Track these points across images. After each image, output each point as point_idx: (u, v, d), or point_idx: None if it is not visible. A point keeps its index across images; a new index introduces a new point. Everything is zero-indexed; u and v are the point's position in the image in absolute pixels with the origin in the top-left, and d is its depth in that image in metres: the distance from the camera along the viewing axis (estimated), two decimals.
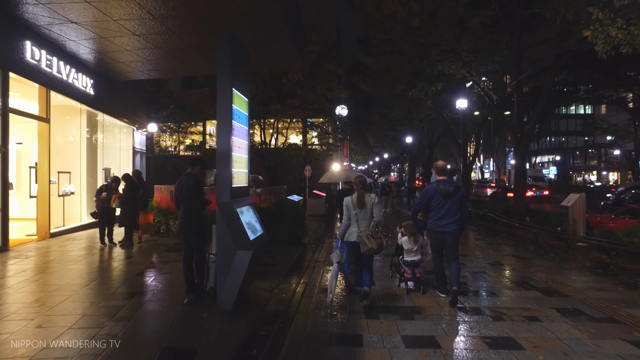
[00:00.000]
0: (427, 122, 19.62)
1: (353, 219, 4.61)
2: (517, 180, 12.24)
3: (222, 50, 4.13)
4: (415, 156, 31.87)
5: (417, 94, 14.81)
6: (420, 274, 5.15)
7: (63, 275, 5.43)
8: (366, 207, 4.58)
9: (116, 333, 3.43)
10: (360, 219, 4.58)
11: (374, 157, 55.69)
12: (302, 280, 5.81)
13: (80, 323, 3.65)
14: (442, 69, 13.69)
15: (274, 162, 21.67)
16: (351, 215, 4.62)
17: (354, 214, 4.60)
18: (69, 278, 5.26)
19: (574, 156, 57.73)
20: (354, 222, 4.62)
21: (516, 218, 11.78)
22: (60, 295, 4.46)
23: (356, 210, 4.58)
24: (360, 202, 4.58)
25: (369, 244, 4.42)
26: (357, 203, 4.59)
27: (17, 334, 3.37)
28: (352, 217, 4.62)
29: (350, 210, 4.62)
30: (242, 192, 4.54)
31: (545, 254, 7.90)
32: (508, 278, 5.81)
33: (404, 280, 5.15)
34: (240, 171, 4.49)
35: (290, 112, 19.84)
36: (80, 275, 5.42)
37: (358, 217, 4.58)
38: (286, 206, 9.03)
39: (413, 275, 5.09)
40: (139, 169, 14.51)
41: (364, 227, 4.57)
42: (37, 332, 3.40)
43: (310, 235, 10.37)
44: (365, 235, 4.46)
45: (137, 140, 14.59)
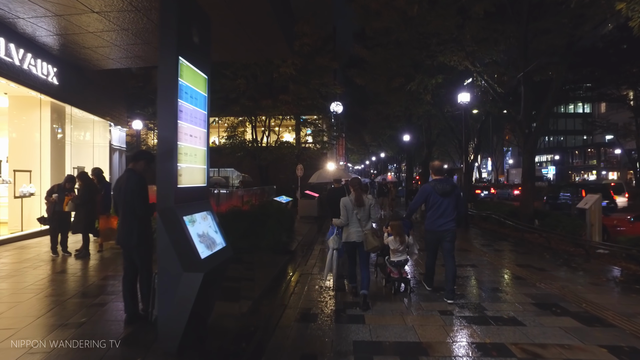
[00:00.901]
0: (425, 119, 18.65)
1: (353, 218, 4.60)
2: (525, 179, 11.27)
3: (164, 5, 3.10)
4: (413, 155, 30.94)
5: (415, 87, 13.84)
6: (406, 273, 5.11)
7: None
8: (365, 206, 4.61)
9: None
10: (362, 218, 4.60)
11: (370, 156, 54.79)
12: (281, 300, 4.80)
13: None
14: (442, 60, 12.72)
15: (265, 161, 20.66)
16: (350, 215, 4.61)
17: (354, 213, 4.60)
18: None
19: (573, 155, 57.00)
20: (354, 222, 4.61)
21: (524, 220, 10.83)
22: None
23: (356, 210, 4.59)
24: (359, 201, 4.59)
25: (374, 242, 4.51)
26: (356, 202, 4.59)
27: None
28: (351, 217, 4.61)
29: (349, 210, 4.61)
30: (196, 194, 3.51)
31: (564, 264, 6.93)
32: (531, 297, 4.81)
33: (390, 281, 5.11)
34: (194, 167, 3.46)
35: (282, 108, 18.82)
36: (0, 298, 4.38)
37: (359, 216, 4.59)
38: (271, 209, 8.01)
39: (400, 276, 5.01)
40: (117, 166, 13.48)
41: (366, 225, 4.62)
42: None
43: (299, 240, 9.35)
44: (371, 234, 4.53)
45: (116, 136, 13.51)
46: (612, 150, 45.94)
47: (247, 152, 20.51)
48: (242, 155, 20.47)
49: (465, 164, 13.14)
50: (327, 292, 5.11)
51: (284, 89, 19.69)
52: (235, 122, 21.04)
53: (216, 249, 3.41)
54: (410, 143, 26.86)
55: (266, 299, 4.82)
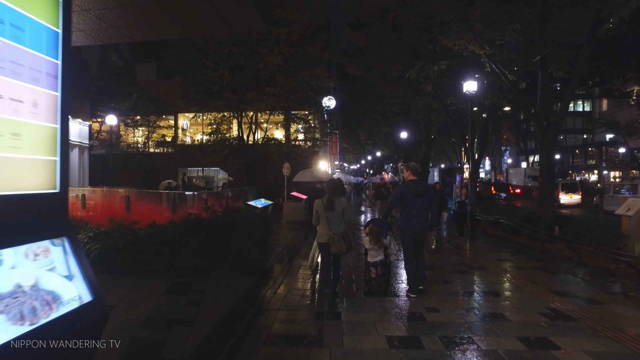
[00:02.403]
0: (425, 114, 17.07)
1: (324, 221, 4.76)
2: (543, 179, 9.72)
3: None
4: (410, 154, 29.41)
5: (415, 75, 12.26)
6: (382, 271, 5.05)
7: None
8: (335, 210, 4.75)
9: None
10: (331, 221, 4.74)
11: (366, 155, 53.28)
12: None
13: None
14: (446, 43, 11.17)
15: (251, 160, 18.99)
16: (321, 217, 4.78)
17: (325, 216, 4.74)
18: None
19: (574, 155, 55.70)
20: (325, 224, 4.76)
21: (542, 227, 9.29)
22: None
23: (327, 213, 4.74)
24: (329, 205, 4.74)
25: (338, 246, 4.65)
26: (326, 205, 4.75)
27: None
28: (322, 219, 4.78)
29: (320, 212, 4.79)
30: (18, 210, 1.87)
31: (617, 291, 5.37)
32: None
33: (368, 281, 5.14)
34: (12, 159, 1.82)
35: (269, 102, 17.14)
36: None
37: (329, 219, 4.74)
38: (237, 216, 6.38)
39: (377, 275, 5.03)
40: (75, 165, 11.79)
41: (335, 229, 4.72)
42: None
43: (278, 253, 7.72)
44: (337, 237, 4.66)
45: (74, 131, 11.83)
46: (614, 149, 44.63)
47: (232, 150, 18.84)
48: (227, 154, 18.79)
49: (471, 162, 11.57)
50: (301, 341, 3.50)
51: (271, 81, 18.03)
52: (219, 118, 19.37)
53: (53, 316, 1.78)
54: (407, 141, 25.34)
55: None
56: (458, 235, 10.09)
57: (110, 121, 17.42)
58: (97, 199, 7.14)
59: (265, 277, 5.95)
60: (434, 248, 8.60)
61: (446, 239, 10.06)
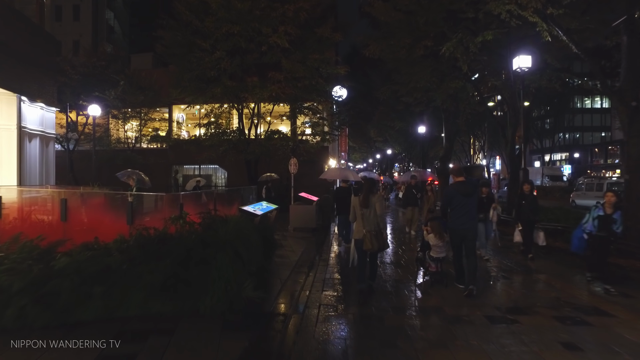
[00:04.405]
0: (452, 102, 14.73)
1: (359, 217, 4.88)
2: (634, 179, 7.40)
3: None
4: (427, 151, 27.11)
5: (452, 50, 9.96)
6: (442, 268, 5.26)
7: None
8: (370, 207, 4.83)
9: None
10: (366, 218, 4.83)
11: (374, 154, 50.92)
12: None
13: None
14: (493, 8, 8.90)
15: (252, 156, 16.73)
16: (357, 214, 4.89)
17: (360, 213, 4.86)
18: None
19: (592, 153, 52.98)
20: (359, 221, 4.88)
21: (635, 239, 7.01)
22: None
23: (362, 210, 4.84)
24: (365, 202, 4.83)
25: (369, 243, 4.72)
26: (362, 202, 4.84)
27: None
28: (357, 216, 4.89)
29: (357, 209, 4.89)
30: None
31: None
32: None
33: (429, 274, 5.36)
34: None
35: (272, 88, 14.90)
36: None
37: (364, 216, 4.84)
38: (223, 232, 4.13)
39: (437, 270, 5.24)
40: (35, 157, 9.58)
41: (369, 226, 4.79)
42: None
43: (285, 279, 5.48)
44: (370, 235, 4.74)
45: (34, 117, 9.60)
46: None
47: (231, 145, 16.61)
48: (226, 149, 16.57)
49: (510, 158, 9.28)
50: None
51: (275, 66, 15.76)
52: (217, 109, 17.16)
53: None
54: (424, 136, 23.06)
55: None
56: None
57: (93, 112, 15.31)
58: (25, 203, 4.96)
59: (268, 331, 3.71)
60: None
61: (501, 257, 7.77)
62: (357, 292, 4.97)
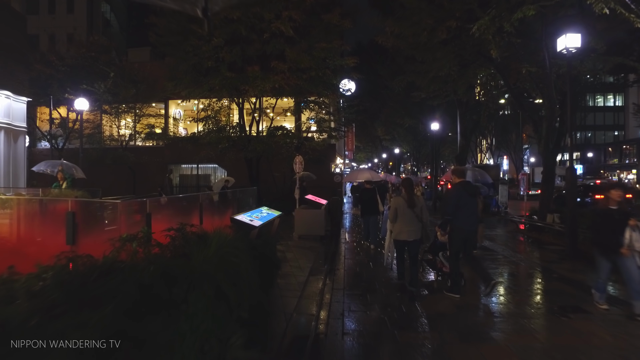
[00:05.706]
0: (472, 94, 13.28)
1: (403, 218, 4.97)
2: None
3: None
4: (437, 150, 25.64)
5: (484, 30, 8.54)
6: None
7: None
8: (416, 207, 4.99)
9: None
10: (410, 218, 4.96)
11: (380, 154, 49.47)
12: None
13: None
14: None
15: (254, 154, 15.38)
16: (400, 215, 4.98)
17: (404, 213, 4.97)
18: None
19: (606, 153, 51.20)
20: (403, 221, 4.96)
21: None
22: None
23: (407, 210, 4.97)
24: (411, 202, 4.99)
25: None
26: (409, 202, 4.98)
27: None
28: (400, 216, 4.98)
29: (402, 210, 4.99)
30: None
31: None
32: None
33: (441, 275, 5.53)
34: None
35: (275, 79, 13.54)
36: None
37: (407, 216, 4.96)
38: (197, 258, 2.72)
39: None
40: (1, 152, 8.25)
41: (412, 226, 4.94)
42: None
43: (289, 318, 4.10)
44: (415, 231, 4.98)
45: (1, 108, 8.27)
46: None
47: (231, 142, 15.24)
48: (226, 147, 15.21)
49: (545, 157, 7.83)
50: None
51: (279, 57, 14.39)
52: (215, 104, 15.82)
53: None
54: (436, 134, 21.58)
55: None
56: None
57: (80, 106, 13.98)
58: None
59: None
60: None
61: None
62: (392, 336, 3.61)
